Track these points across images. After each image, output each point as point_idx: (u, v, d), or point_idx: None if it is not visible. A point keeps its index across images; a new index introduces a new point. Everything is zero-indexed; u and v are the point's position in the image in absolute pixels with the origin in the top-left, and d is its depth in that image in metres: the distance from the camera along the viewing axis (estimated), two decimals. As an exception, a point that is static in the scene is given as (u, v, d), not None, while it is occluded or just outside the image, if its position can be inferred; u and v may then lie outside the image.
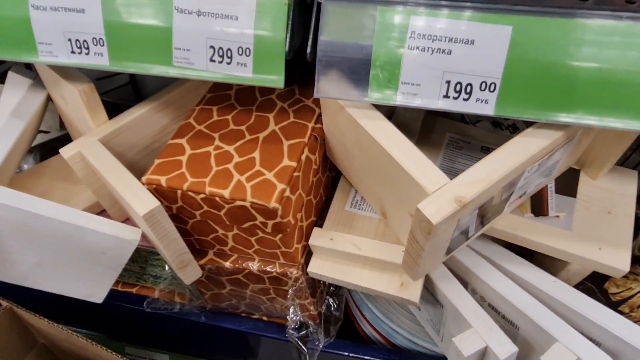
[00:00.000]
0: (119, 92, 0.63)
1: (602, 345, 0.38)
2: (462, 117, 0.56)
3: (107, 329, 0.61)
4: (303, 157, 0.39)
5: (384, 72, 0.33)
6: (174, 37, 0.35)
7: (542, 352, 0.37)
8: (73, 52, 0.38)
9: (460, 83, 0.32)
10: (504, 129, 0.59)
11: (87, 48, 0.37)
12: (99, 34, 0.37)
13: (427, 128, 0.48)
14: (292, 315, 0.44)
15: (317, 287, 0.48)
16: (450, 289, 0.41)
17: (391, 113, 0.47)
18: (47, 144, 0.64)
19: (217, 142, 0.40)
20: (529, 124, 0.34)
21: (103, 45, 0.37)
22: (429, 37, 0.31)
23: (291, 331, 0.44)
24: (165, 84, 0.48)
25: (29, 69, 0.60)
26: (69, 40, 0.37)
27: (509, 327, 0.41)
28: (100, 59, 0.37)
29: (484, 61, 0.31)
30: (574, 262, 0.41)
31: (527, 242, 0.41)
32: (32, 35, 0.38)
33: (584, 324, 0.38)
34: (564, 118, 0.31)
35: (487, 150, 0.46)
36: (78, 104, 0.42)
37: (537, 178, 0.38)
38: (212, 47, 0.35)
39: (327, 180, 0.48)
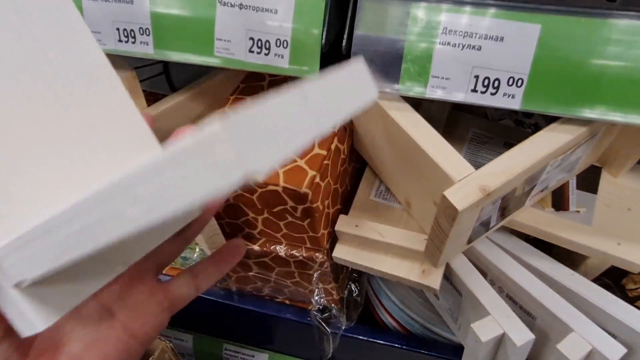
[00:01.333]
0: (153, 82, 0.66)
1: (618, 337, 0.39)
2: (485, 115, 0.57)
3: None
4: (332, 147, 0.41)
5: (415, 66, 0.34)
6: (216, 29, 0.38)
7: (557, 342, 0.38)
8: (120, 40, 0.40)
9: (488, 78, 0.33)
10: (525, 127, 0.60)
11: (134, 37, 0.40)
12: (145, 24, 0.39)
13: (451, 123, 0.49)
14: (317, 298, 0.46)
15: (340, 273, 0.50)
16: (470, 278, 0.43)
17: (417, 108, 0.49)
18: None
19: (251, 130, 0.42)
20: (550, 122, 0.35)
21: (149, 35, 0.39)
22: (460, 33, 0.33)
23: (315, 313, 0.46)
24: (198, 75, 0.51)
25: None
26: (117, 29, 0.40)
27: (526, 317, 0.42)
28: (145, 48, 0.40)
29: (512, 57, 0.32)
30: (593, 256, 0.42)
31: (548, 235, 0.42)
32: (83, 24, 0.40)
33: (600, 316, 0.39)
34: (589, 114, 0.32)
35: (509, 146, 0.47)
36: (121, 90, 0.45)
37: (559, 173, 0.39)
38: (251, 38, 0.37)
39: (353, 171, 0.50)
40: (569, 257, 0.45)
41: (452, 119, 0.50)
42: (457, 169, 0.33)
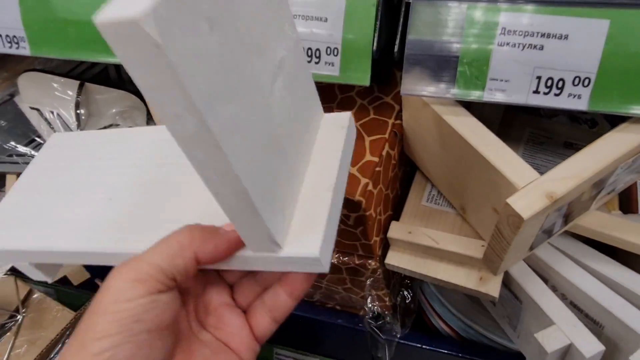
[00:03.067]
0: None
1: (696, 348, 0.36)
2: (538, 113, 0.55)
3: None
4: (384, 153, 0.40)
5: (472, 68, 0.33)
6: (266, 39, 0.38)
7: (629, 353, 0.36)
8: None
9: (551, 78, 0.32)
10: (582, 123, 0.57)
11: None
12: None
13: (505, 123, 0.47)
14: (370, 305, 0.45)
15: (391, 279, 0.49)
16: (531, 285, 0.41)
17: (468, 109, 0.47)
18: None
19: (301, 138, 0.42)
20: (614, 120, 0.33)
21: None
22: (520, 33, 0.32)
23: (369, 320, 0.46)
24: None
25: (117, 71, 0.65)
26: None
27: (593, 325, 0.40)
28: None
29: (578, 56, 0.31)
30: (665, 262, 0.40)
31: (615, 240, 0.40)
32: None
33: (676, 325, 0.37)
34: (664, 113, 0.30)
35: (570, 146, 0.45)
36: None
37: (627, 175, 0.37)
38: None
39: (403, 175, 0.49)
40: (637, 262, 0.42)
41: (506, 119, 0.48)
42: (520, 174, 0.32)
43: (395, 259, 0.44)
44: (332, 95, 0.46)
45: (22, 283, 0.65)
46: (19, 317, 0.62)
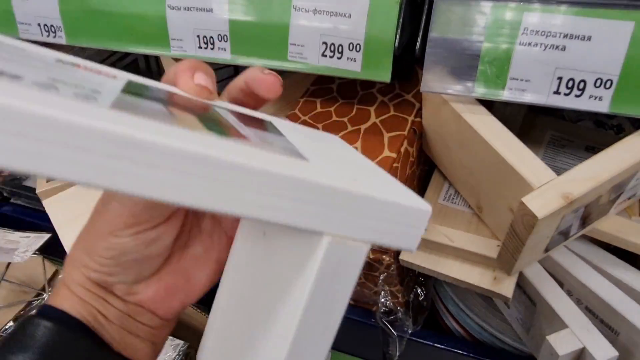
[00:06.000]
0: (221, 85, 0.69)
1: None
2: (562, 117, 0.54)
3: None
4: (402, 149, 0.41)
5: (493, 67, 0.33)
6: (290, 34, 0.39)
7: (644, 360, 0.36)
8: (200, 47, 0.42)
9: (573, 79, 0.32)
10: (607, 129, 0.56)
11: (213, 43, 0.42)
12: (224, 31, 0.41)
13: (527, 125, 0.47)
14: (383, 300, 0.46)
15: (405, 276, 0.50)
16: (545, 288, 0.41)
17: (489, 109, 0.47)
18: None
19: (321, 132, 0.43)
20: (637, 123, 0.33)
21: (227, 41, 0.41)
22: (543, 33, 0.32)
23: (381, 315, 0.46)
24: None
25: (147, 62, 0.67)
26: (197, 36, 0.42)
27: (607, 332, 0.40)
28: (223, 54, 0.42)
29: (600, 57, 0.31)
30: (685, 271, 0.39)
31: (633, 246, 0.39)
32: (167, 32, 0.43)
33: (694, 335, 0.36)
34: (688, 117, 0.30)
35: (591, 150, 0.45)
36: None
37: (649, 180, 0.37)
38: (324, 43, 0.38)
39: (421, 174, 0.49)
40: (658, 270, 0.42)
41: (527, 121, 0.48)
42: (536, 174, 0.32)
43: (410, 256, 0.44)
44: (353, 91, 0.46)
45: (49, 263, 0.68)
46: (44, 295, 0.65)
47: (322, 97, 0.47)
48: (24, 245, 0.59)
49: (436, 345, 0.48)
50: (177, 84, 0.23)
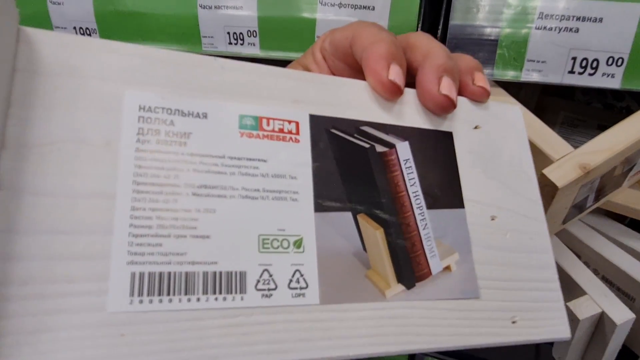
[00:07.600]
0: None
1: None
2: (573, 99, 0.57)
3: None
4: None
5: (510, 51, 0.36)
6: (317, 27, 0.41)
7: (660, 323, 0.38)
8: (230, 43, 0.45)
9: (586, 59, 0.34)
10: (616, 111, 0.58)
11: (242, 39, 0.44)
12: (253, 27, 0.43)
13: (540, 107, 0.50)
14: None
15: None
16: (563, 258, 0.43)
17: (504, 93, 0.49)
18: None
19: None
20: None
21: (256, 37, 0.44)
22: (557, 17, 0.34)
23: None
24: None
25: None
26: (228, 33, 0.45)
27: (624, 298, 0.42)
28: (252, 49, 0.44)
29: (611, 37, 0.33)
30: (697, 238, 0.41)
31: (646, 216, 0.42)
32: (199, 30, 0.45)
33: None
34: (695, 90, 0.32)
35: (603, 128, 0.47)
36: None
37: (659, 152, 0.39)
38: (349, 34, 0.40)
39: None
40: (670, 240, 0.44)
41: (540, 103, 0.50)
42: (555, 148, 0.34)
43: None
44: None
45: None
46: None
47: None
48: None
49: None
50: (367, 71, 0.20)
